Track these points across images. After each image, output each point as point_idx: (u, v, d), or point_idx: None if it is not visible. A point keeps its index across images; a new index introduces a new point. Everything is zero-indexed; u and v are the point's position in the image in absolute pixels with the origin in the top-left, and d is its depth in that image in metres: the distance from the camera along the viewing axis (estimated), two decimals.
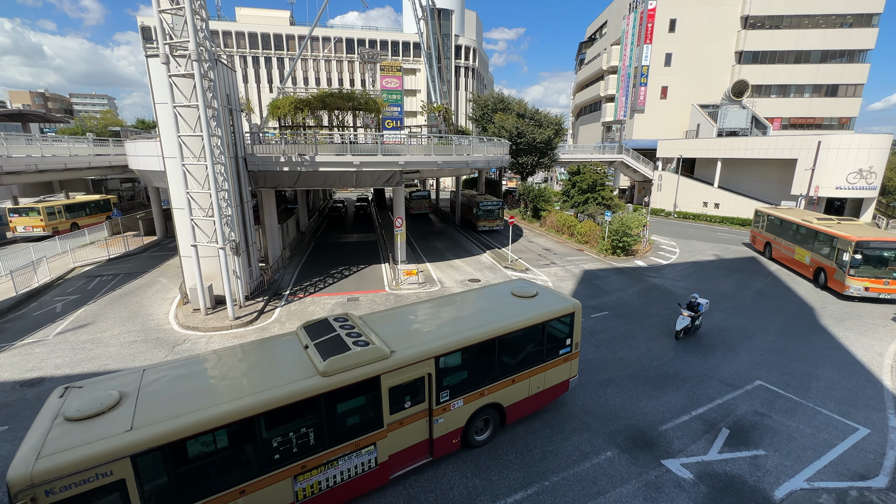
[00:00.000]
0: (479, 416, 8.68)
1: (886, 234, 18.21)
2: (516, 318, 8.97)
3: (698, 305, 13.96)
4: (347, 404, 7.01)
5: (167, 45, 13.53)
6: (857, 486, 7.93)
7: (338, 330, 7.78)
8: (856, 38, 46.29)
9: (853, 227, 19.24)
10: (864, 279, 17.06)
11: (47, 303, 17.45)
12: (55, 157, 27.77)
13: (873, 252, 16.98)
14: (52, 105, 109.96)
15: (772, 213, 24.67)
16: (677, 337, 13.98)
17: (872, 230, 18.88)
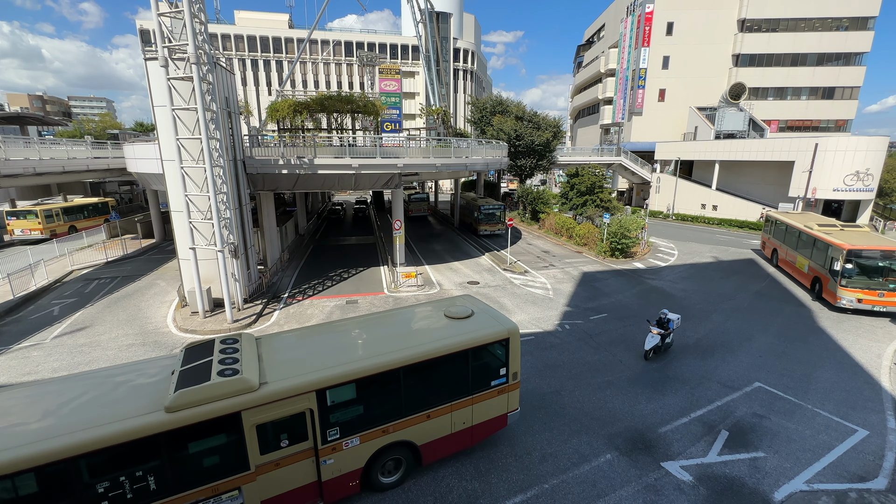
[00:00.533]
0: (386, 456, 7.63)
1: (883, 241, 16.64)
2: (431, 345, 7.77)
3: (668, 322, 12.84)
4: (201, 444, 6.15)
5: (166, 49, 13.54)
6: (857, 488, 7.93)
7: (215, 354, 6.92)
8: (852, 41, 46.59)
9: (853, 233, 17.99)
10: (856, 290, 15.83)
11: (44, 306, 17.39)
12: (53, 160, 27.75)
13: (867, 261, 15.83)
14: (50, 108, 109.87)
15: (779, 218, 23.07)
16: (646, 357, 12.80)
17: (872, 237, 17.34)
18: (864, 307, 15.86)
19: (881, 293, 15.59)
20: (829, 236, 17.62)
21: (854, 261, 15.89)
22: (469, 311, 8.87)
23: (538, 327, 15.29)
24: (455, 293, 19.01)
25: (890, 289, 15.52)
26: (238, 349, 7.14)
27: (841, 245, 16.27)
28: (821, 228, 18.93)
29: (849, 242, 16.32)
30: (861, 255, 15.83)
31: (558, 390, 11.23)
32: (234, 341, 7.44)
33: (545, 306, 17.38)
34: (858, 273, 15.94)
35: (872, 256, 15.81)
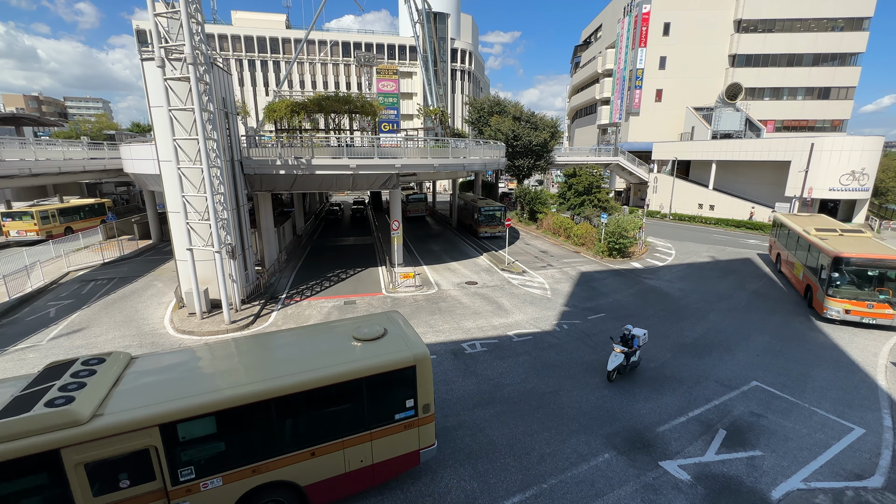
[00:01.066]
0: (261, 499, 6.69)
1: (879, 248, 15.43)
2: (313, 373, 6.78)
3: (633, 338, 11.57)
4: (15, 485, 5.47)
5: (162, 49, 13.51)
6: (853, 486, 7.97)
7: (64, 377, 6.23)
8: (847, 42, 46.85)
9: (850, 239, 16.70)
10: (844, 300, 14.82)
11: (41, 308, 17.30)
12: (49, 161, 27.63)
13: (855, 270, 14.78)
14: (46, 109, 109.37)
15: (782, 221, 21.87)
16: (609, 378, 11.51)
17: (870, 244, 16.00)
18: (851, 318, 14.82)
19: (870, 304, 14.49)
20: (821, 241, 16.55)
21: (842, 269, 14.86)
22: (380, 331, 7.81)
23: (536, 327, 15.31)
24: (453, 294, 19.02)
25: (880, 300, 14.38)
26: (95, 371, 6.40)
27: (829, 251, 15.25)
28: (817, 233, 17.67)
29: (837, 249, 15.20)
30: (849, 264, 14.73)
31: (556, 390, 11.24)
32: (98, 361, 6.71)
33: (543, 306, 17.40)
34: (846, 282, 14.95)
35: (861, 265, 14.70)
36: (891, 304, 14.34)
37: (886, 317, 14.41)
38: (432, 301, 18.05)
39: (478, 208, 30.87)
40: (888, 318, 14.39)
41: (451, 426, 9.71)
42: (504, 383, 11.58)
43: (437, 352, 13.41)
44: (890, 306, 14.33)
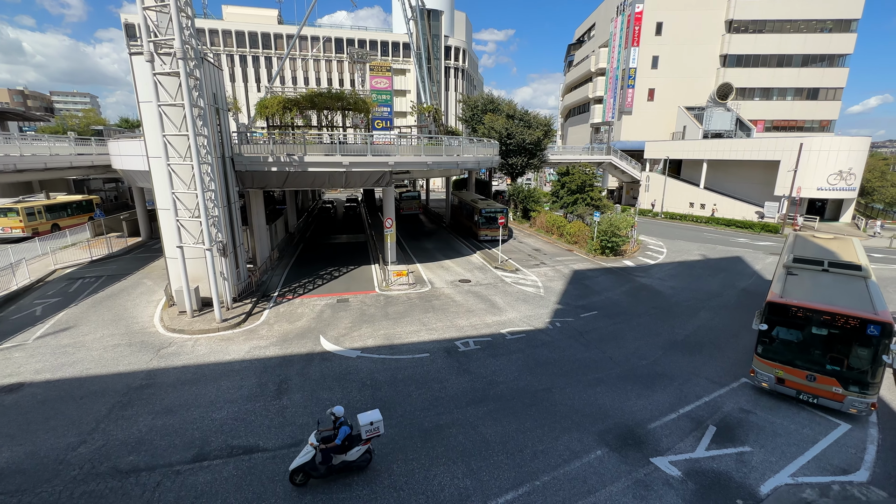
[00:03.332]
0: None
1: (826, 296, 10.32)
2: None
3: (340, 427, 7.78)
4: None
5: (151, 43, 13.29)
6: (840, 481, 8.11)
7: None
8: (835, 43, 47.51)
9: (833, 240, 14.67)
10: (777, 364, 10.43)
11: (27, 306, 16.98)
12: (35, 157, 27.08)
13: (797, 322, 10.12)
14: (31, 103, 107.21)
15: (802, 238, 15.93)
16: (293, 481, 7.75)
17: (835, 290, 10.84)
18: (786, 391, 10.45)
19: (811, 376, 9.97)
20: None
21: (777, 320, 10.37)
22: None
23: (529, 325, 15.36)
24: (447, 291, 19.01)
25: (826, 371, 9.83)
26: None
27: (771, 296, 10.65)
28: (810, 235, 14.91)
29: (775, 290, 10.90)
30: (788, 313, 10.19)
31: (549, 388, 11.29)
32: None
33: (536, 304, 17.46)
34: (785, 339, 10.45)
35: (804, 316, 9.99)
36: (842, 381, 9.61)
37: (834, 397, 9.77)
38: (426, 299, 18.03)
39: (478, 210, 29.09)
40: (836, 400, 9.75)
41: (444, 424, 9.72)
42: (497, 381, 11.61)
43: (431, 350, 13.40)
44: (840, 383, 9.64)
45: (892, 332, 8.97)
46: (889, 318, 9.11)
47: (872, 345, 9.26)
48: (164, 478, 8.11)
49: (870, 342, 9.28)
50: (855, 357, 9.57)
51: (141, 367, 12.29)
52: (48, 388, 11.22)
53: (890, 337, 8.99)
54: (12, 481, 8.03)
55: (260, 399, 10.69)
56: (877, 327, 9.11)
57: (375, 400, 10.67)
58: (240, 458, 8.63)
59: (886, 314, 9.30)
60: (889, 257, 25.20)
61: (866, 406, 9.47)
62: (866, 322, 9.22)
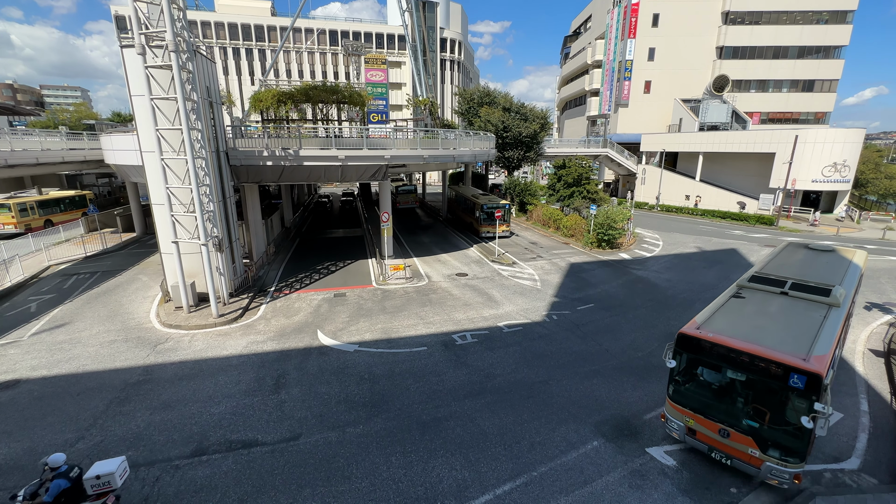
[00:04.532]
0: None
1: (757, 330, 8.00)
2: None
3: (55, 478, 6.17)
4: None
5: (143, 36, 13.09)
6: (831, 469, 8.25)
7: None
8: (831, 35, 47.51)
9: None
10: (687, 412, 8.16)
11: (21, 303, 16.87)
12: (26, 152, 26.78)
13: (713, 362, 7.83)
14: (21, 97, 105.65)
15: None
16: None
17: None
18: (697, 444, 8.19)
19: (724, 431, 7.69)
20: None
21: (689, 356, 8.08)
22: None
23: (526, 318, 15.43)
24: (444, 285, 19.04)
25: (742, 427, 7.53)
26: None
27: (683, 329, 8.19)
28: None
29: (697, 318, 8.52)
30: (701, 349, 7.86)
31: (546, 380, 11.38)
32: None
33: (533, 297, 17.53)
34: (696, 381, 8.23)
35: (720, 355, 7.64)
36: (760, 442, 7.36)
37: (751, 460, 7.52)
38: (423, 293, 18.06)
39: (479, 205, 27.87)
40: (753, 465, 7.52)
41: (442, 416, 9.78)
42: (494, 374, 11.68)
43: (428, 343, 13.45)
44: (757, 444, 7.38)
45: (820, 385, 6.61)
46: (819, 368, 6.69)
47: (795, 400, 6.99)
48: (164, 472, 8.13)
49: (793, 396, 7.01)
50: (777, 413, 7.23)
51: (138, 362, 12.27)
52: (45, 384, 11.18)
53: (818, 392, 6.64)
54: (11, 477, 8.03)
55: (258, 394, 10.71)
56: (801, 378, 6.75)
57: (373, 393, 10.72)
58: (238, 452, 8.67)
59: (820, 362, 6.84)
60: (882, 248, 25.44)
61: (788, 477, 7.15)
62: (789, 370, 6.86)
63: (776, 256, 12.41)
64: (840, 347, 9.71)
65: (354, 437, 9.13)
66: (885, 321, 15.05)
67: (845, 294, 9.29)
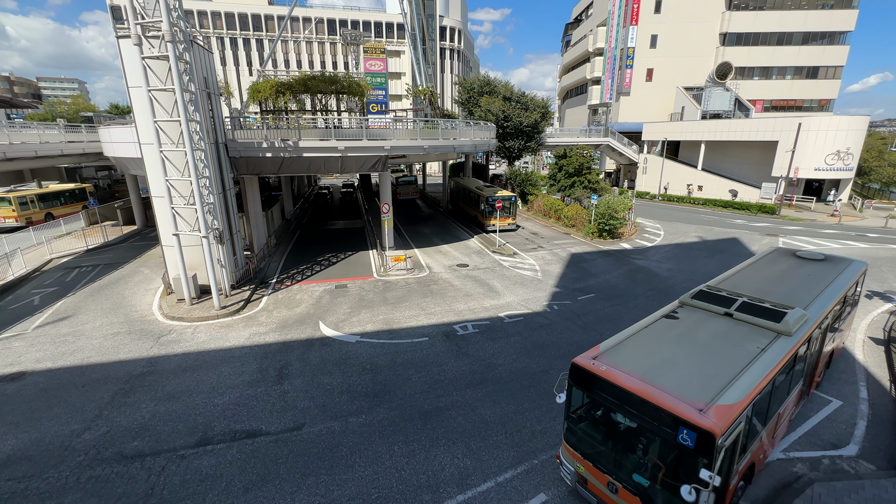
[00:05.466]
0: None
1: (666, 365, 6.51)
2: None
3: None
4: None
5: (139, 26, 12.94)
6: (830, 455, 8.33)
7: None
8: (837, 20, 46.73)
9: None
10: (579, 457, 6.91)
11: (24, 296, 16.96)
12: (24, 145, 26.68)
13: (606, 402, 6.42)
14: (18, 90, 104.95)
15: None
16: None
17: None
18: (587, 496, 6.96)
19: (612, 485, 6.45)
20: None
21: (582, 391, 6.78)
22: None
23: (527, 308, 15.47)
24: (445, 276, 19.07)
25: (630, 483, 6.24)
26: None
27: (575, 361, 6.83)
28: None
29: (601, 345, 7.22)
30: (594, 385, 6.51)
31: (547, 369, 11.44)
32: None
33: (534, 287, 17.56)
34: (590, 422, 6.91)
35: (613, 395, 6.26)
36: (646, 502, 6.08)
37: None
38: (424, 284, 18.09)
39: (485, 198, 26.63)
40: None
41: (444, 406, 9.87)
42: (496, 363, 11.75)
43: (430, 334, 13.51)
44: (642, 501, 6.11)
45: (713, 447, 5.15)
46: (715, 424, 5.18)
47: (684, 459, 5.60)
48: (169, 462, 8.24)
49: (681, 454, 5.60)
50: (669, 473, 5.77)
51: (142, 354, 12.37)
52: (50, 376, 11.29)
53: (710, 455, 5.19)
54: (19, 467, 8.15)
55: (261, 384, 10.81)
56: (690, 434, 5.29)
57: (376, 384, 10.80)
58: (243, 441, 8.77)
59: (722, 415, 5.35)
60: (885, 237, 25.36)
61: None
62: (678, 422, 5.41)
63: (750, 265, 11.00)
64: (788, 391, 7.77)
65: (357, 426, 9.22)
66: (885, 309, 15.06)
67: (806, 319, 7.73)
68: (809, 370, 8.91)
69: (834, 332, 9.89)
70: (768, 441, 7.54)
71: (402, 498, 7.43)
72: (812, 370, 9.15)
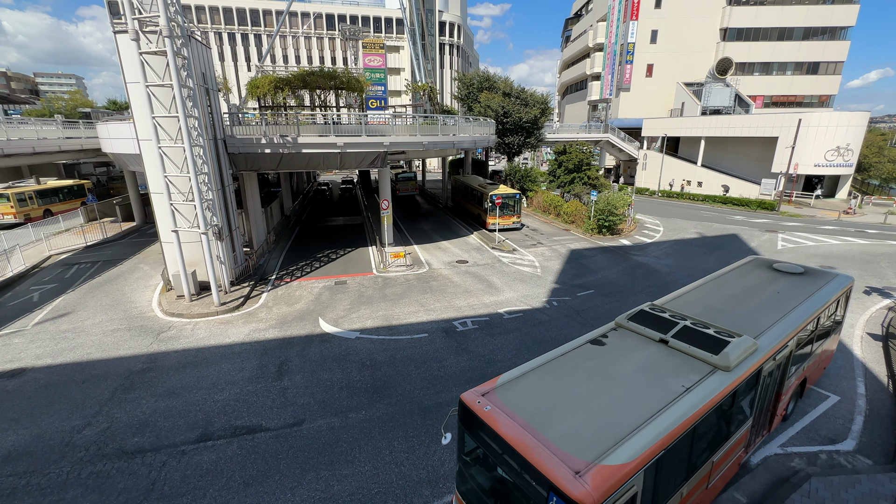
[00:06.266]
0: None
1: (559, 407, 5.45)
2: None
3: None
4: None
5: (136, 21, 12.86)
6: (827, 450, 8.37)
7: None
8: (837, 15, 46.54)
9: None
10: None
11: (23, 292, 16.95)
12: (22, 141, 26.59)
13: (489, 448, 5.38)
14: (15, 85, 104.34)
15: None
16: None
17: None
18: None
19: None
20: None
21: (468, 432, 5.81)
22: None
23: (527, 304, 15.49)
24: (444, 272, 19.07)
25: None
26: None
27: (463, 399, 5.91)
28: None
29: (500, 378, 6.07)
30: (478, 427, 5.53)
31: None
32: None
33: (533, 284, 17.57)
34: (478, 468, 5.97)
35: (494, 442, 5.25)
36: None
37: None
38: (423, 280, 18.10)
39: (488, 195, 25.42)
40: None
41: (443, 402, 9.90)
42: (495, 360, 11.78)
43: (429, 330, 13.53)
44: None
45: None
46: (588, 495, 4.21)
47: None
48: (170, 458, 8.28)
49: None
50: None
51: (141, 350, 12.38)
52: (50, 372, 11.31)
53: None
54: (21, 463, 8.18)
55: (261, 380, 10.83)
56: (559, 502, 4.37)
57: (375, 380, 10.83)
58: (243, 437, 8.80)
59: (602, 479, 4.39)
60: (883, 233, 25.38)
61: None
62: (549, 486, 4.47)
63: (717, 278, 9.65)
64: (727, 437, 6.44)
65: (357, 422, 9.25)
66: (883, 305, 15.10)
67: (753, 350, 6.48)
68: (764, 407, 7.58)
69: (804, 359, 8.54)
70: (700, 499, 6.22)
71: (402, 493, 7.47)
72: (769, 407, 7.84)
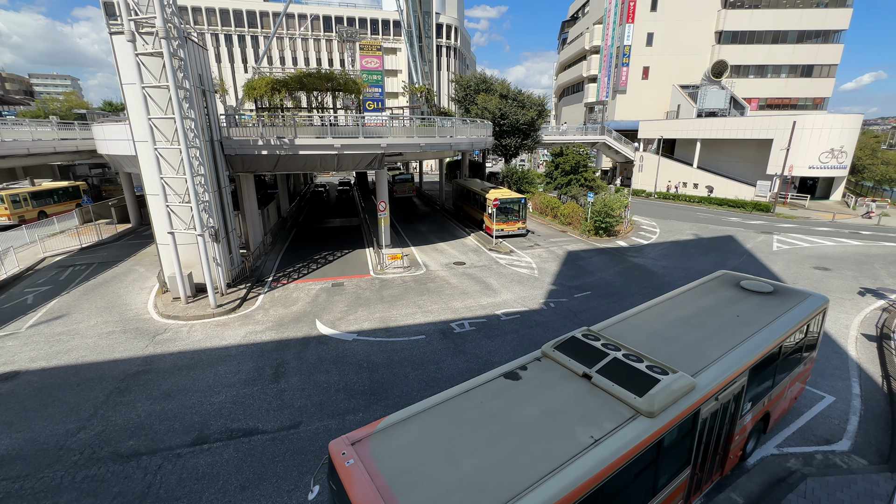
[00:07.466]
0: None
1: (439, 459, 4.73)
2: None
3: None
4: None
5: (132, 22, 12.81)
6: (822, 450, 8.41)
7: None
8: (831, 19, 46.99)
9: None
10: None
11: (17, 295, 16.81)
12: (16, 142, 26.40)
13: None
14: (10, 86, 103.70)
15: None
16: None
17: None
18: None
19: None
20: None
21: (331, 490, 5.08)
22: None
23: (524, 306, 15.50)
24: (441, 274, 19.07)
25: None
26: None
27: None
28: None
29: (385, 419, 5.25)
30: (336, 485, 4.67)
31: None
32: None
33: (530, 285, 17.59)
34: None
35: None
36: None
37: None
38: (420, 282, 18.09)
39: (490, 200, 23.79)
40: None
41: None
42: (492, 361, 11.77)
43: (426, 332, 13.52)
44: None
45: None
46: None
47: None
48: (165, 461, 8.22)
49: None
50: None
51: (137, 353, 12.30)
52: (44, 375, 11.22)
53: None
54: (14, 467, 8.10)
55: (257, 383, 10.78)
56: None
57: (372, 381, 10.80)
58: (239, 440, 8.75)
59: None
60: (877, 234, 25.59)
61: None
62: None
63: (675, 297, 8.64)
64: (654, 492, 5.52)
65: (355, 424, 9.22)
66: (878, 306, 15.21)
67: (689, 390, 5.52)
68: (708, 452, 6.46)
69: (766, 392, 7.42)
70: None
71: None
72: (716, 450, 6.69)
